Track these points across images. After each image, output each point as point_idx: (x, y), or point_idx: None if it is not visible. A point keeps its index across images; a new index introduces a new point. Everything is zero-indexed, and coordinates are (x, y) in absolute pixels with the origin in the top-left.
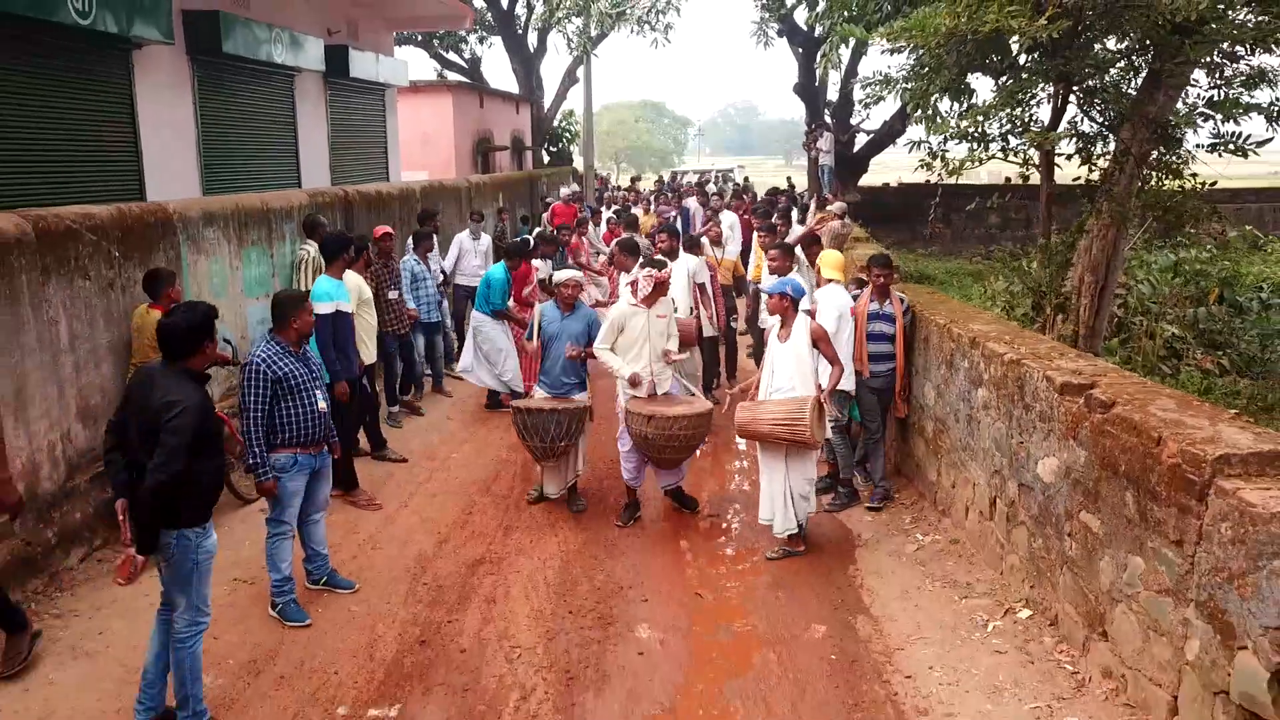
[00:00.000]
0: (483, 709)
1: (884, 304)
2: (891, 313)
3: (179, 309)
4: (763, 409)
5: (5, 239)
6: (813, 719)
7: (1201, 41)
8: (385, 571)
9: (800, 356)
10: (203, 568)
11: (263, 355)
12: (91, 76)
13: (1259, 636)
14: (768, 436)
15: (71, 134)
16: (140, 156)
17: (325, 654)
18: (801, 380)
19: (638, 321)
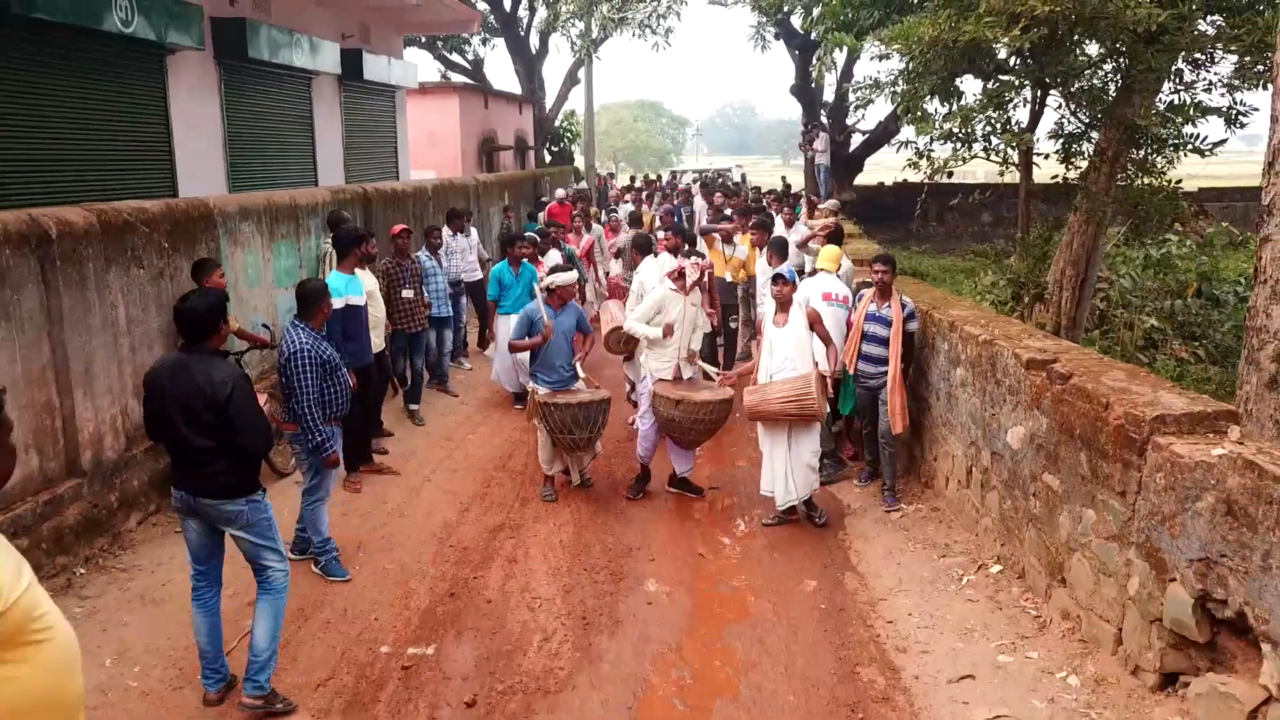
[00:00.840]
0: (509, 649)
1: (883, 306)
2: (888, 316)
3: (194, 295)
4: (769, 390)
5: (75, 230)
6: (804, 656)
7: (1163, 50)
8: (414, 536)
9: (800, 338)
10: (273, 522)
11: (305, 343)
12: (130, 80)
13: (1185, 569)
14: (778, 414)
15: (111, 133)
16: (173, 155)
17: (365, 604)
18: (801, 359)
19: (676, 306)
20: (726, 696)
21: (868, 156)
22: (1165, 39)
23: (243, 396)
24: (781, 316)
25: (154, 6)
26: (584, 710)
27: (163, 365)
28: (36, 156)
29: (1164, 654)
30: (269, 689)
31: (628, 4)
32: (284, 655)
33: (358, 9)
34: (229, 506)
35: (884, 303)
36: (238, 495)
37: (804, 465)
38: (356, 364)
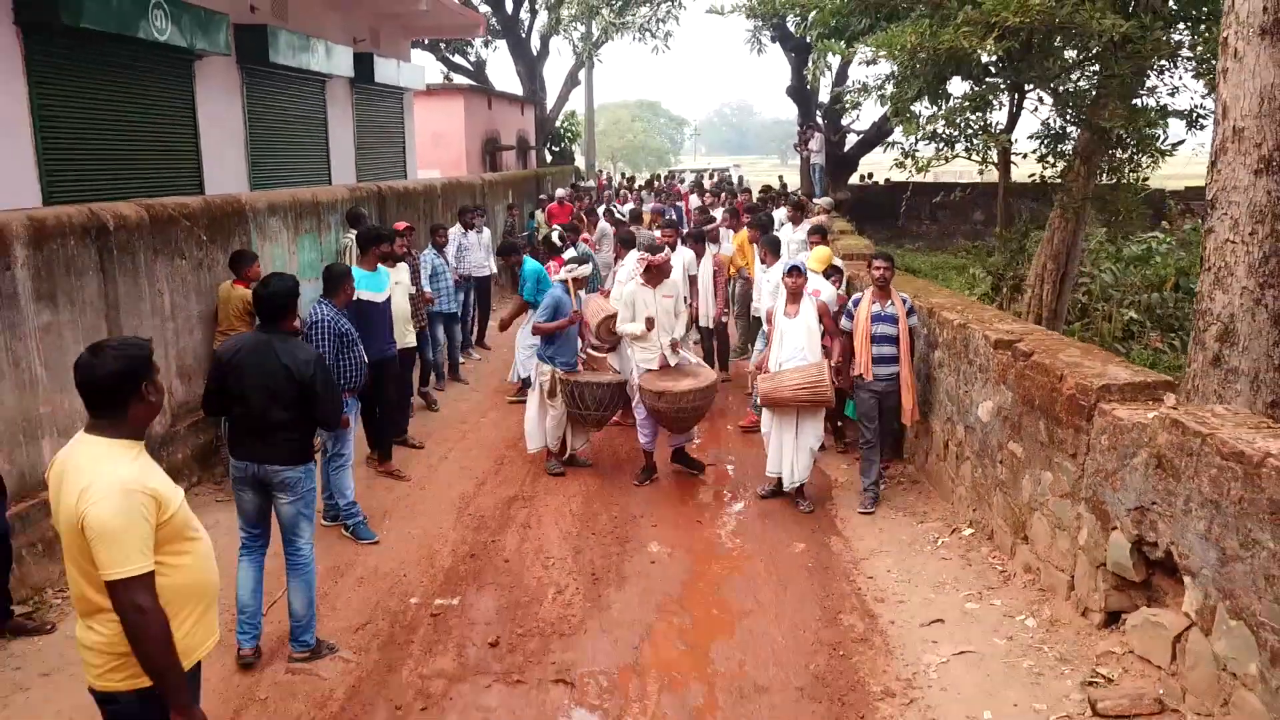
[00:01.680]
0: (527, 600)
1: (885, 304)
2: (894, 313)
3: (272, 279)
4: (782, 378)
5: (129, 224)
6: (792, 605)
7: (1128, 57)
8: (435, 506)
9: (810, 328)
10: (315, 495)
11: (327, 315)
12: (162, 85)
13: (1124, 517)
14: (791, 401)
15: (146, 134)
16: (200, 154)
17: (394, 564)
18: (810, 348)
19: (644, 298)
20: (722, 638)
21: (862, 156)
22: (1129, 47)
23: (325, 374)
24: (793, 307)
25: (185, 15)
26: (595, 649)
27: (241, 345)
28: (81, 155)
29: (1108, 595)
30: (313, 643)
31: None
32: (324, 606)
33: (368, 14)
34: (290, 473)
35: (885, 300)
36: (298, 463)
37: (807, 450)
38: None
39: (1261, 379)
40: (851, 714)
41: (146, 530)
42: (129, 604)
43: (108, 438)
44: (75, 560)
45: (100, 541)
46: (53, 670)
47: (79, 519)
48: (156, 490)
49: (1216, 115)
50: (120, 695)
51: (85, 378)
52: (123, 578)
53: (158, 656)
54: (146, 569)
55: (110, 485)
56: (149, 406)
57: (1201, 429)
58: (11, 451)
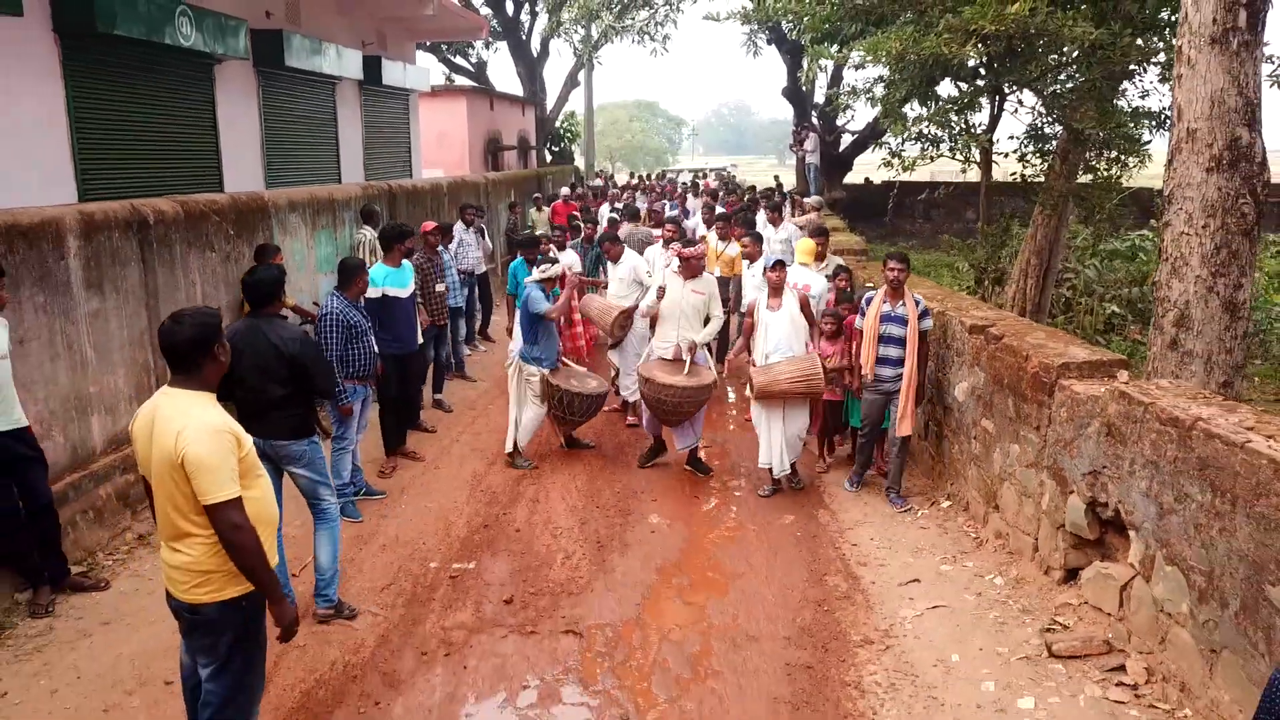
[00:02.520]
0: (537, 564)
1: (897, 304)
2: (904, 314)
3: (259, 269)
4: (776, 370)
5: (166, 218)
6: (782, 568)
7: (1098, 63)
8: (449, 483)
9: (794, 320)
10: (324, 460)
11: (337, 306)
12: (186, 87)
13: (1079, 481)
14: (787, 393)
15: (170, 133)
16: (220, 153)
17: (413, 533)
18: (797, 340)
19: (674, 288)
20: (717, 596)
21: (857, 156)
22: (1100, 53)
23: (310, 346)
24: (775, 301)
25: (207, 21)
26: (601, 605)
27: (236, 330)
28: (113, 153)
29: (1067, 553)
30: (336, 600)
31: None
32: (350, 570)
33: (376, 19)
34: (295, 446)
35: (898, 301)
36: (302, 436)
37: (795, 438)
38: (391, 352)
39: (1214, 360)
40: (833, 659)
41: (234, 462)
42: (228, 522)
43: (190, 390)
44: (169, 494)
45: (200, 473)
46: (111, 620)
47: (179, 456)
48: (236, 431)
49: (1172, 117)
50: (203, 606)
51: (169, 342)
52: (221, 501)
53: (254, 562)
54: (238, 493)
55: (202, 426)
56: (219, 364)
57: (1144, 399)
58: (65, 426)
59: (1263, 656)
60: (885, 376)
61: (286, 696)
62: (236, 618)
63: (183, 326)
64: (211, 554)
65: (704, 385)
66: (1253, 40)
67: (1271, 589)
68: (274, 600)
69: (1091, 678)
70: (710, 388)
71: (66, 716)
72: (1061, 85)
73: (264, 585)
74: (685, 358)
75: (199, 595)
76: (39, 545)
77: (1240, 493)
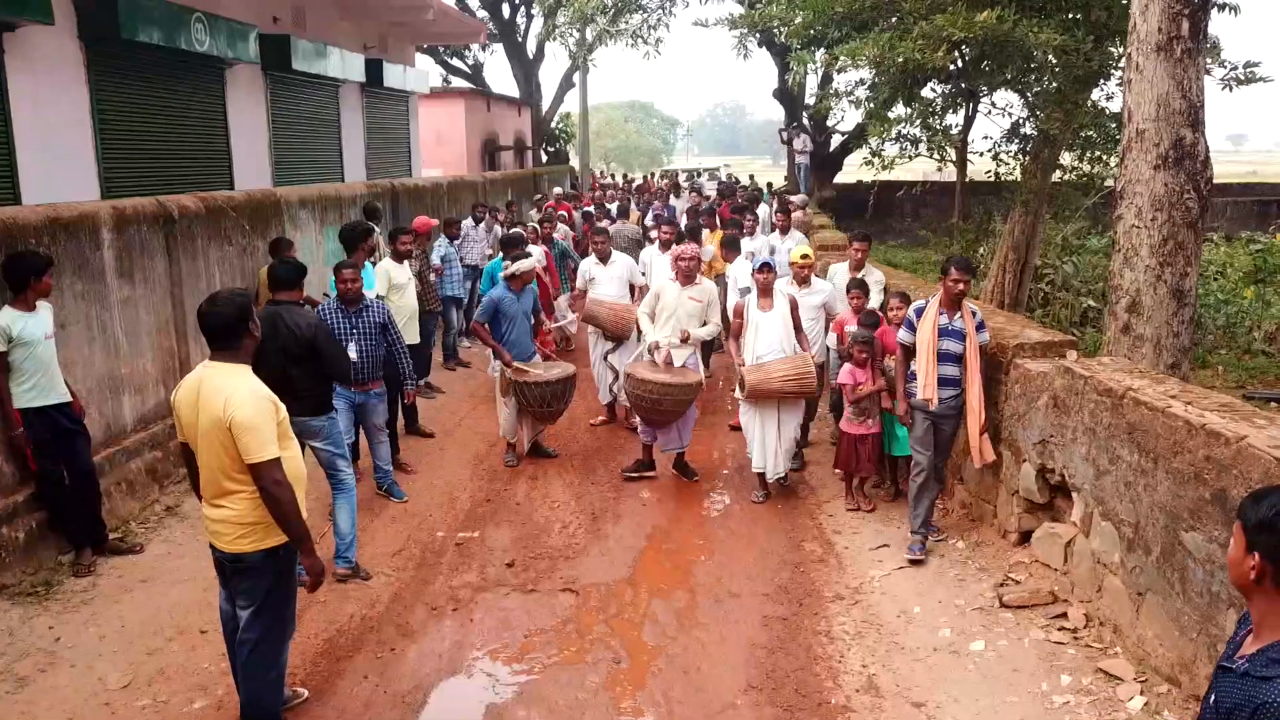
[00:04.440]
0: (537, 532)
1: (954, 317)
2: (962, 328)
3: (282, 261)
4: (769, 370)
5: (189, 213)
6: (762, 535)
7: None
8: (454, 461)
9: (785, 320)
10: (342, 434)
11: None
12: (199, 90)
13: (1030, 450)
14: (779, 393)
15: (185, 134)
16: (230, 152)
17: (421, 506)
18: (787, 341)
19: (670, 293)
20: (702, 559)
21: (846, 156)
22: (1065, 59)
23: (324, 333)
24: (765, 302)
25: (220, 27)
26: (595, 567)
27: (260, 316)
28: (133, 152)
29: (1020, 517)
30: (354, 562)
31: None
32: (363, 538)
33: (378, 23)
34: (315, 422)
35: (954, 314)
36: (320, 413)
37: (790, 440)
38: None
39: (1163, 344)
40: (807, 613)
41: (274, 426)
42: (270, 479)
43: (230, 362)
44: (215, 455)
45: (247, 433)
46: (149, 578)
47: (227, 420)
48: (274, 398)
49: (1124, 119)
50: (246, 555)
51: (211, 321)
52: (265, 459)
53: (292, 516)
54: (278, 454)
55: (248, 392)
56: (254, 339)
57: (1085, 373)
58: (100, 405)
59: (1179, 595)
60: (942, 398)
61: (311, 644)
62: (274, 565)
63: (222, 306)
64: (254, 508)
65: (687, 384)
66: (1195, 48)
67: (1185, 535)
68: (306, 551)
69: (1037, 624)
70: (695, 388)
71: (115, 658)
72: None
73: (298, 536)
74: (676, 360)
75: (243, 545)
76: (81, 511)
77: (1161, 451)
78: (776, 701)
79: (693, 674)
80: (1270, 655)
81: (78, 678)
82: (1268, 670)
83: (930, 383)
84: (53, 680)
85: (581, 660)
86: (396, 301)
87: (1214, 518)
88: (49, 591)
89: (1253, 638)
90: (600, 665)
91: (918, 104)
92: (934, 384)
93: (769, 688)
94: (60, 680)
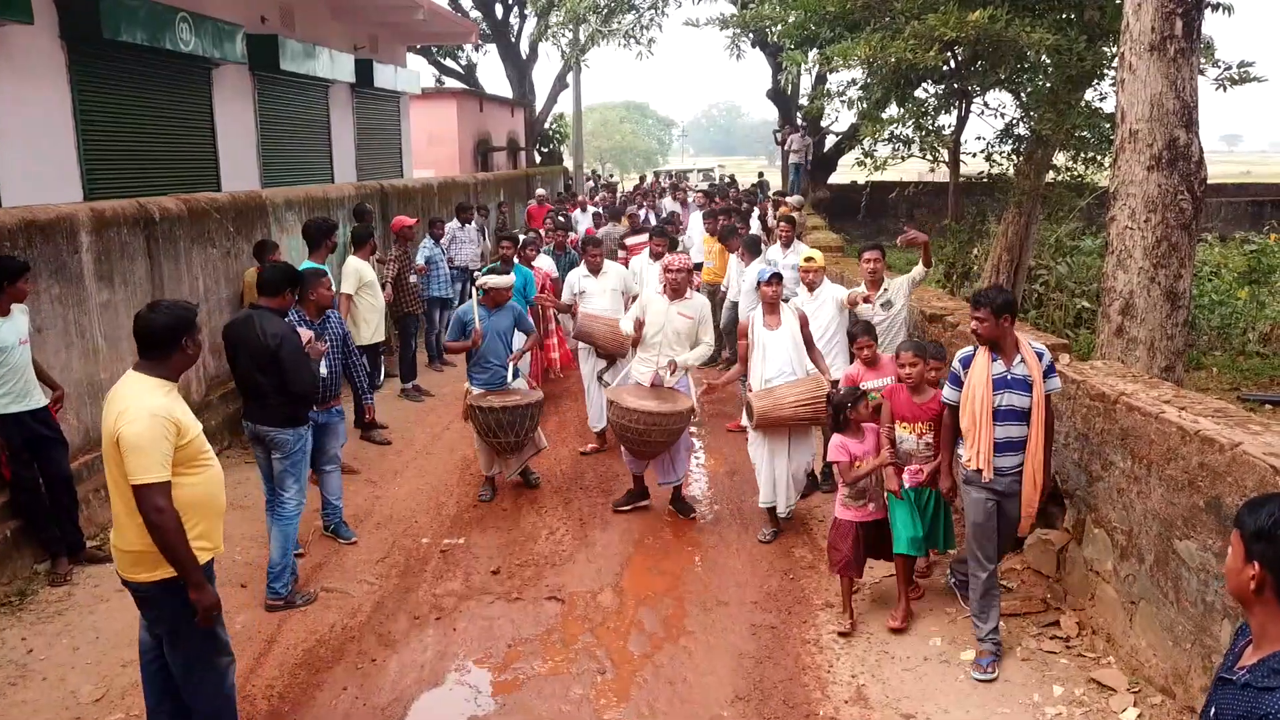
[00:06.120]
0: (523, 539)
1: (1013, 362)
2: (1025, 375)
3: (271, 266)
4: (779, 395)
5: (171, 215)
6: (752, 542)
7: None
8: (441, 466)
9: (796, 340)
10: (306, 457)
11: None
12: (185, 90)
13: None
14: (790, 420)
15: (170, 135)
16: (217, 154)
17: (406, 512)
18: (798, 361)
19: (658, 308)
20: (690, 565)
21: (841, 156)
22: (1057, 59)
23: (290, 347)
24: (772, 319)
25: (205, 27)
26: (582, 574)
27: (236, 319)
28: (116, 154)
29: None
30: (284, 594)
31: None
32: (347, 544)
33: (368, 23)
34: (280, 435)
35: (1013, 358)
36: (288, 426)
37: (801, 472)
38: None
39: (1157, 346)
40: (795, 620)
41: (166, 448)
42: (151, 505)
43: (149, 375)
44: (111, 472)
45: (130, 453)
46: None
47: (116, 434)
48: (179, 419)
49: (1117, 119)
50: (142, 585)
51: (143, 327)
52: (145, 483)
53: (174, 546)
54: (164, 478)
55: (141, 410)
56: (187, 357)
57: (1078, 378)
58: (79, 410)
59: (1172, 604)
60: (1002, 469)
61: (290, 654)
62: (178, 596)
63: (157, 315)
64: (143, 535)
65: (677, 412)
66: (1188, 47)
67: (1179, 543)
68: (191, 584)
69: (1029, 632)
70: (686, 415)
71: (88, 669)
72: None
73: (182, 568)
74: (667, 379)
75: (138, 574)
76: (58, 518)
77: (1154, 458)
78: (764, 712)
79: (679, 684)
80: (1271, 666)
81: (49, 690)
82: (1269, 681)
83: (985, 449)
84: (23, 694)
85: (566, 671)
86: (368, 299)
87: (1208, 526)
88: (23, 601)
89: (1252, 648)
90: (585, 676)
91: (911, 104)
92: (989, 450)
93: (756, 698)
94: (31, 694)
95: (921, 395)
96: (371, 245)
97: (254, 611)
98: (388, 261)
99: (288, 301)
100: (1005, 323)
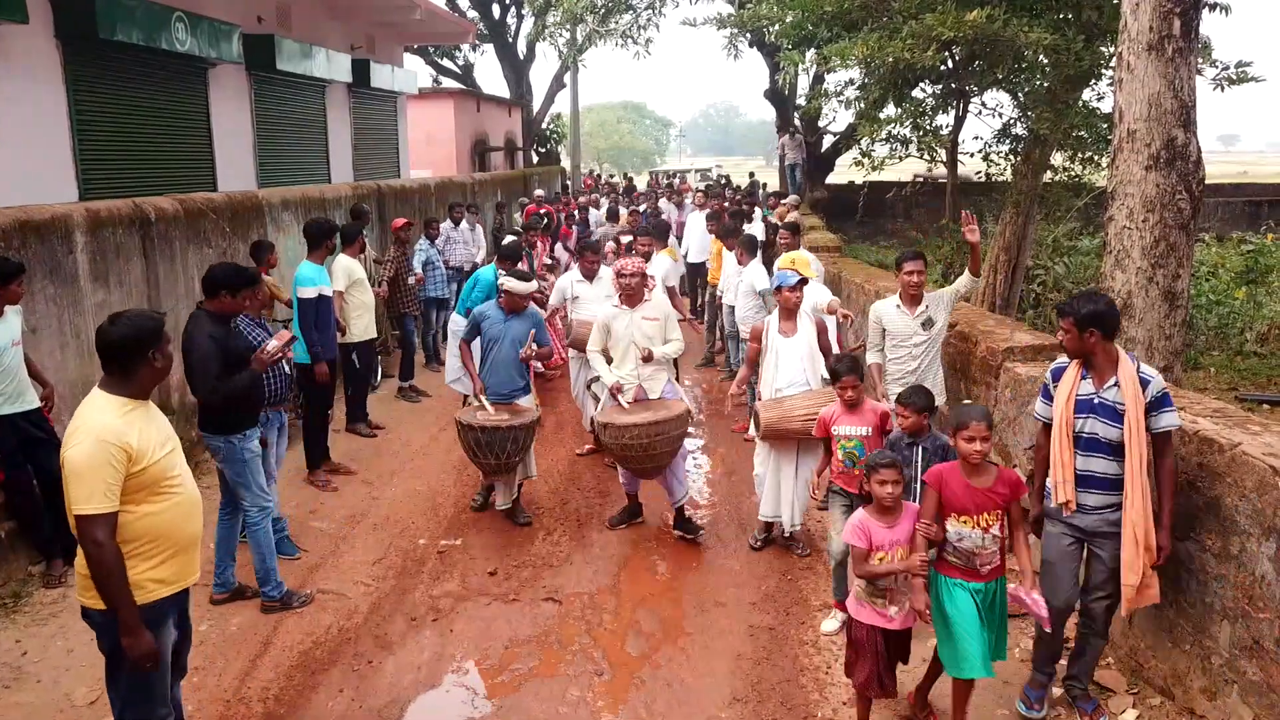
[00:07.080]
0: (520, 540)
1: (1104, 384)
2: (1115, 401)
3: (218, 267)
4: (788, 406)
5: (166, 215)
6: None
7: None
8: (437, 467)
9: (812, 349)
10: (251, 465)
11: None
12: (181, 90)
13: (1021, 455)
14: (799, 434)
15: (166, 135)
16: (213, 154)
17: (403, 513)
18: (812, 372)
19: (620, 323)
20: (689, 567)
21: (838, 156)
22: (1055, 58)
23: (197, 352)
24: (788, 325)
25: (202, 27)
26: (579, 576)
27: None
28: (112, 154)
29: None
30: (277, 597)
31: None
32: (343, 546)
33: (365, 23)
34: (211, 441)
35: (1105, 379)
36: (219, 432)
37: (806, 484)
38: (325, 357)
39: (1155, 347)
40: (793, 621)
41: (110, 476)
42: (89, 537)
43: (110, 393)
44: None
45: (71, 479)
46: None
47: (64, 456)
48: (129, 444)
49: (1115, 119)
50: (88, 610)
51: (101, 341)
52: (84, 513)
53: (108, 585)
54: (106, 510)
55: (88, 432)
56: (155, 371)
57: None
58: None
59: (1171, 605)
60: (1088, 506)
61: (285, 656)
62: (115, 629)
63: (118, 327)
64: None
65: (675, 417)
66: (1186, 47)
67: (1178, 544)
68: (125, 628)
69: (1028, 634)
70: (684, 419)
71: (82, 672)
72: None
73: (115, 605)
74: (653, 392)
75: (85, 599)
76: (52, 521)
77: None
78: (761, 714)
79: (676, 686)
80: None
81: (43, 694)
82: None
83: (1067, 477)
84: (17, 696)
85: (563, 672)
86: (358, 296)
87: (1208, 527)
88: (17, 604)
89: None
90: (582, 677)
91: (908, 104)
92: (1071, 480)
93: (754, 700)
94: (25, 696)
95: (982, 477)
96: (360, 243)
97: (250, 613)
98: (385, 262)
99: (226, 304)
100: (1091, 337)
